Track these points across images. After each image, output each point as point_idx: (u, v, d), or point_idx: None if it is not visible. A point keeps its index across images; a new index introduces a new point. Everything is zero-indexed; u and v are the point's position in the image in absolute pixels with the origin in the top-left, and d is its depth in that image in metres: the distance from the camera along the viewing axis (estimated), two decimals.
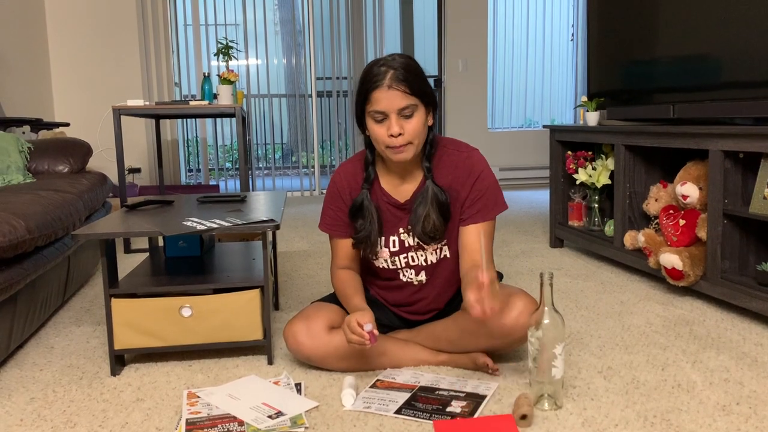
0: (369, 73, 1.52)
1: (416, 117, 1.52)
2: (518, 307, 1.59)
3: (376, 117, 1.52)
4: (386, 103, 1.49)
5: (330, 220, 1.72)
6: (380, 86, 1.49)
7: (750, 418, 1.43)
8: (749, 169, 2.13)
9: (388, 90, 1.48)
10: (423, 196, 1.62)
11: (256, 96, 5.91)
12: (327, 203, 1.74)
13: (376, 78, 1.50)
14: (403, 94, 1.49)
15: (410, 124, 1.52)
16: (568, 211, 3.24)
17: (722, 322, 2.09)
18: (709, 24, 2.32)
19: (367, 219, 1.65)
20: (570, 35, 6.58)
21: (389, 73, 1.49)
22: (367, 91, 1.52)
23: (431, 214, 1.61)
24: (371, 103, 1.51)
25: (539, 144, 6.28)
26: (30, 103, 4.55)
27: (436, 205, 1.61)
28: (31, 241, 1.88)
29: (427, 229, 1.62)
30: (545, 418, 1.44)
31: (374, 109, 1.51)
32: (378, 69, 1.51)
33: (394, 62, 1.51)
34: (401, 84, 1.49)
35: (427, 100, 1.55)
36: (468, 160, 1.65)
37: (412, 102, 1.50)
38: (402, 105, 1.50)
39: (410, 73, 1.50)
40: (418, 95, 1.51)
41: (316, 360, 1.68)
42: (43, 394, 1.64)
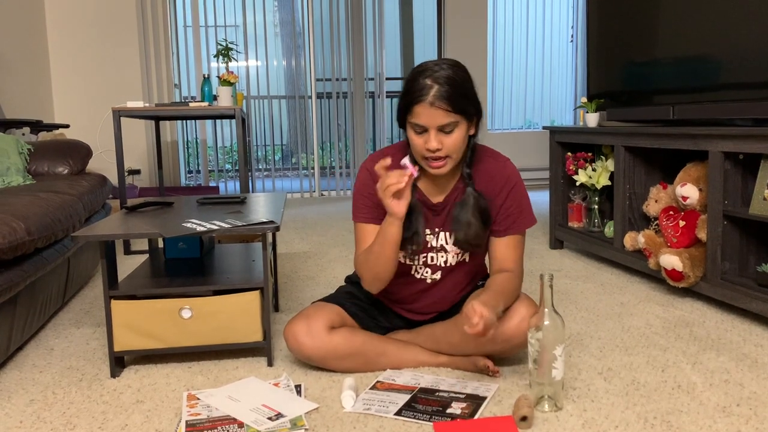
0: (414, 84, 1.50)
1: (456, 132, 1.51)
2: (520, 313, 1.60)
3: (416, 129, 1.51)
4: (427, 119, 1.48)
5: (367, 210, 1.66)
6: (423, 102, 1.47)
7: (750, 420, 1.42)
8: (749, 170, 2.13)
9: (430, 107, 1.47)
10: (464, 203, 1.62)
11: (255, 97, 5.91)
12: (360, 193, 1.67)
13: (421, 92, 1.47)
14: (445, 113, 1.47)
15: (449, 140, 1.50)
16: (568, 213, 3.23)
17: (722, 323, 2.09)
18: (709, 25, 2.32)
19: (413, 215, 1.62)
20: (570, 36, 6.58)
21: (433, 89, 1.46)
22: (409, 103, 1.50)
23: (473, 221, 1.61)
24: (412, 115, 1.50)
25: (539, 145, 6.28)
26: (30, 104, 4.55)
27: (477, 213, 1.61)
28: (31, 242, 1.87)
29: (469, 236, 1.62)
30: (545, 419, 1.44)
31: (415, 122, 1.50)
32: (423, 82, 1.48)
33: (440, 75, 1.47)
34: (444, 102, 1.46)
35: (471, 114, 1.53)
36: (504, 169, 1.66)
37: (453, 120, 1.48)
38: (443, 122, 1.48)
39: (455, 90, 1.47)
40: (460, 113, 1.49)
41: (317, 360, 1.68)
42: (42, 395, 1.64)
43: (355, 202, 1.69)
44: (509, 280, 1.63)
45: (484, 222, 1.63)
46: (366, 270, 1.64)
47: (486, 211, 1.63)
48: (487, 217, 1.63)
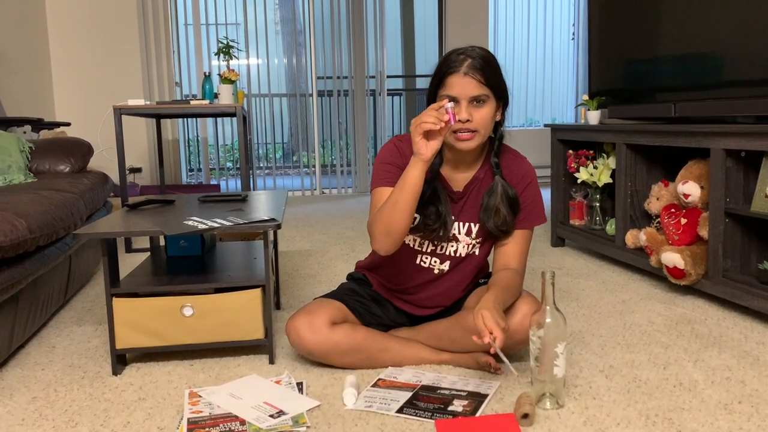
0: (447, 59, 1.55)
1: (486, 107, 1.55)
2: (522, 311, 1.61)
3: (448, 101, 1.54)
4: (459, 89, 1.52)
5: (387, 175, 1.64)
6: (456, 72, 1.52)
7: (752, 417, 1.42)
8: (751, 167, 2.13)
9: (463, 77, 1.52)
10: (493, 190, 1.66)
11: (256, 95, 5.91)
12: (384, 162, 1.66)
13: (454, 64, 1.53)
14: (478, 83, 1.52)
15: (479, 113, 1.54)
16: (569, 210, 3.23)
17: (724, 320, 2.09)
18: (711, 22, 2.32)
19: (441, 204, 1.65)
20: (571, 34, 6.57)
21: (467, 61, 1.52)
22: (443, 75, 1.55)
23: (501, 209, 1.65)
24: (445, 87, 1.54)
25: (540, 143, 6.28)
26: (31, 102, 4.56)
27: (506, 200, 1.65)
28: (33, 240, 1.88)
29: (498, 223, 1.65)
30: (547, 417, 1.44)
31: (447, 93, 1.54)
32: (456, 56, 1.54)
33: (474, 52, 1.54)
34: (477, 72, 1.52)
35: (500, 94, 1.58)
36: (522, 165, 1.72)
37: (484, 92, 1.53)
38: (475, 93, 1.52)
39: (488, 65, 1.54)
40: (491, 87, 1.54)
41: (318, 355, 1.69)
42: (44, 393, 1.64)
43: (377, 171, 1.67)
44: (512, 277, 1.64)
45: (512, 209, 1.66)
46: (378, 222, 1.57)
47: (515, 199, 1.67)
48: (515, 204, 1.67)
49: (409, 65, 8.44)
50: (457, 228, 1.71)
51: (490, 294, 1.54)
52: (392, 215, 1.54)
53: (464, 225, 1.70)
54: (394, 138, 1.71)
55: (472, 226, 1.71)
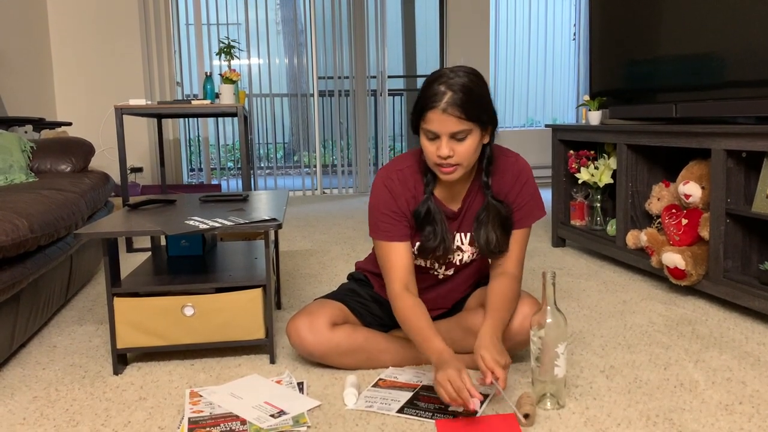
0: (428, 90, 1.48)
1: (469, 140, 1.48)
2: (523, 312, 1.61)
3: (429, 135, 1.50)
4: (439, 126, 1.46)
5: (389, 227, 1.60)
6: (435, 108, 1.45)
7: (753, 418, 1.42)
8: (752, 168, 2.13)
9: (442, 113, 1.45)
10: (484, 212, 1.62)
11: (258, 95, 5.91)
12: (379, 210, 1.62)
13: (434, 98, 1.46)
14: (458, 120, 1.45)
15: (461, 147, 1.48)
16: (570, 211, 3.23)
17: (725, 321, 2.09)
18: (712, 23, 2.32)
19: (437, 224, 1.61)
20: (572, 34, 6.57)
21: (447, 95, 1.45)
22: (422, 108, 1.48)
23: (494, 231, 1.61)
24: (425, 121, 1.48)
25: (541, 143, 6.28)
26: (32, 102, 4.56)
27: (498, 222, 1.61)
28: (34, 240, 1.88)
29: (491, 246, 1.62)
30: (547, 417, 1.44)
31: (427, 128, 1.49)
32: (437, 88, 1.46)
33: (455, 83, 1.46)
34: (457, 109, 1.44)
35: (485, 123, 1.51)
36: (515, 165, 1.66)
37: (465, 127, 1.46)
38: (455, 130, 1.46)
39: (469, 97, 1.45)
40: (473, 120, 1.47)
41: (318, 356, 1.69)
42: (45, 392, 1.64)
43: (374, 219, 1.62)
44: (510, 289, 1.61)
45: (504, 230, 1.63)
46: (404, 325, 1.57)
47: (507, 220, 1.63)
48: (508, 225, 1.63)
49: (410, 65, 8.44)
50: (459, 239, 1.68)
51: (487, 327, 1.51)
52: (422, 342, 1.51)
53: (466, 235, 1.68)
54: (383, 176, 1.63)
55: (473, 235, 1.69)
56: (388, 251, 1.61)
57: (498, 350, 1.44)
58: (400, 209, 1.61)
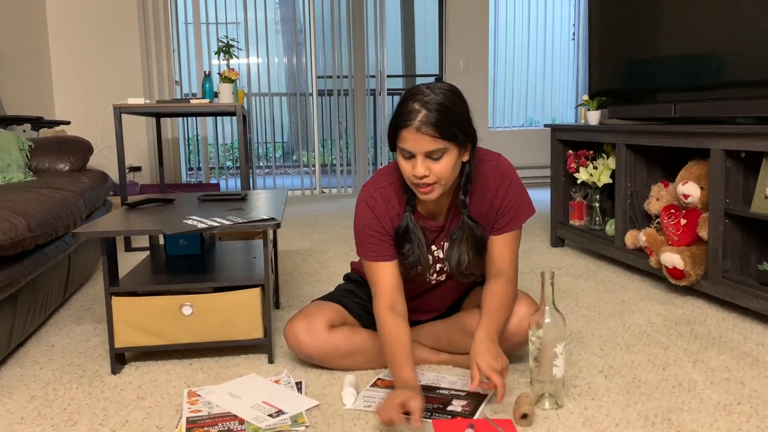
0: (403, 108, 1.44)
1: (445, 159, 1.44)
2: (521, 313, 1.61)
3: (404, 154, 1.47)
4: (413, 144, 1.42)
5: (374, 248, 1.58)
6: (409, 126, 1.41)
7: (751, 418, 1.42)
8: (751, 168, 2.13)
9: (416, 132, 1.41)
10: (459, 233, 1.58)
11: (257, 95, 5.91)
12: (364, 230, 1.59)
13: (408, 117, 1.42)
14: (432, 139, 1.41)
15: (438, 166, 1.44)
16: (569, 211, 3.23)
17: (723, 321, 2.09)
18: (711, 23, 2.32)
19: (415, 243, 1.58)
20: (571, 34, 6.57)
21: (421, 114, 1.41)
22: (397, 126, 1.46)
23: (466, 253, 1.58)
24: (400, 140, 1.46)
25: (540, 143, 6.28)
26: (31, 101, 4.55)
27: (472, 244, 1.58)
28: (32, 239, 1.87)
29: (462, 268, 1.60)
30: (546, 417, 1.44)
31: (402, 146, 1.46)
32: (412, 106, 1.42)
33: (431, 101, 1.42)
34: (431, 128, 1.40)
35: (461, 141, 1.46)
36: (497, 168, 1.61)
37: (441, 146, 1.42)
38: (430, 149, 1.42)
39: (443, 116, 1.41)
40: (448, 139, 1.43)
41: (317, 358, 1.68)
42: (43, 392, 1.64)
43: (359, 239, 1.60)
44: (505, 290, 1.59)
45: (478, 252, 1.60)
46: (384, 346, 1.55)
47: (481, 240, 1.59)
48: (482, 246, 1.60)
49: (409, 65, 8.44)
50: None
51: (482, 331, 1.49)
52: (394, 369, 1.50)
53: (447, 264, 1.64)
54: (366, 196, 1.60)
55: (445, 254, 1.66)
56: (375, 271, 1.58)
57: (494, 355, 1.43)
58: (384, 229, 1.58)
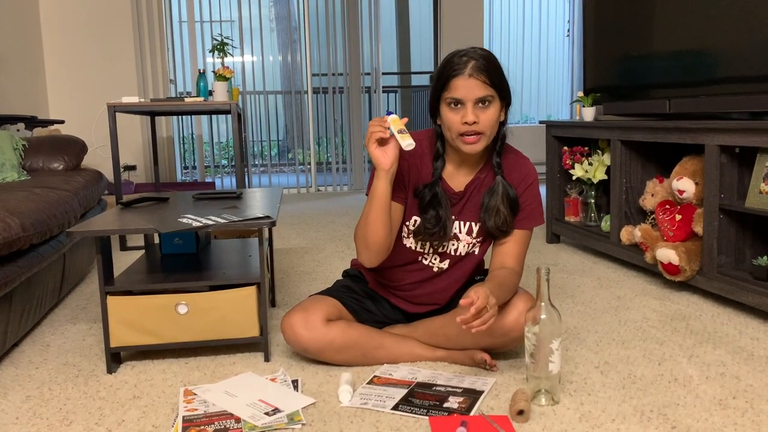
0: (450, 62, 1.54)
1: (492, 108, 1.54)
2: (518, 308, 1.61)
3: (452, 104, 1.54)
4: (464, 91, 1.52)
5: None
6: (461, 74, 1.51)
7: (746, 412, 1.43)
8: (745, 163, 2.13)
9: (468, 78, 1.51)
10: (494, 190, 1.65)
11: (251, 93, 5.90)
12: None
13: (458, 66, 1.52)
14: (483, 84, 1.51)
15: (485, 115, 1.53)
16: (564, 207, 3.24)
17: (719, 316, 2.10)
18: (705, 19, 2.32)
19: (442, 209, 1.64)
20: (566, 31, 6.58)
21: (471, 62, 1.51)
22: (447, 77, 1.53)
23: (502, 209, 1.64)
24: (449, 89, 1.53)
25: (535, 140, 6.27)
26: (24, 100, 4.53)
27: (507, 201, 1.64)
28: (26, 238, 1.87)
29: (498, 223, 1.64)
30: (542, 413, 1.44)
31: (452, 96, 1.53)
32: (459, 59, 1.53)
33: (476, 53, 1.53)
34: (482, 74, 1.51)
35: (504, 94, 1.57)
36: (525, 165, 1.70)
37: (490, 93, 1.52)
38: (480, 95, 1.52)
39: (491, 65, 1.53)
40: (496, 87, 1.53)
41: (313, 352, 1.68)
42: (39, 392, 1.63)
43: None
44: (509, 275, 1.64)
45: (512, 209, 1.65)
46: (357, 236, 1.61)
47: (515, 200, 1.66)
48: (515, 205, 1.66)
49: (404, 62, 8.43)
50: (458, 227, 1.70)
51: (486, 283, 1.54)
52: (366, 228, 1.56)
53: (465, 224, 1.70)
54: None
55: (473, 225, 1.70)
56: None
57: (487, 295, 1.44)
58: (402, 169, 1.63)
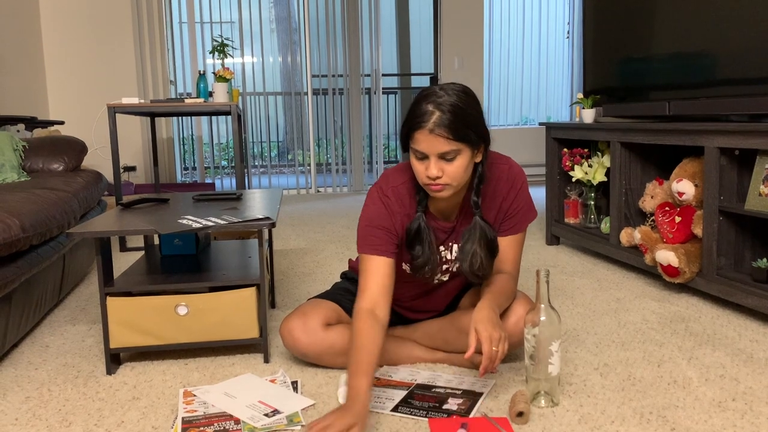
0: (417, 109, 1.44)
1: (458, 160, 1.45)
2: (517, 312, 1.61)
3: (417, 155, 1.47)
4: (426, 146, 1.43)
5: (378, 241, 1.55)
6: (423, 128, 1.42)
7: (746, 414, 1.43)
8: (745, 165, 2.13)
9: (429, 134, 1.41)
10: (471, 233, 1.57)
11: (251, 94, 5.90)
12: (373, 223, 1.57)
13: (421, 118, 1.42)
14: (446, 140, 1.41)
15: (451, 167, 1.44)
16: (564, 209, 3.24)
17: (718, 318, 2.10)
18: (704, 21, 2.32)
19: (426, 244, 1.57)
20: (566, 33, 6.58)
21: (434, 115, 1.41)
22: (410, 128, 1.46)
23: (479, 251, 1.56)
24: (413, 141, 1.45)
25: (535, 141, 6.29)
26: (24, 101, 4.53)
27: (484, 244, 1.56)
28: (26, 239, 1.87)
29: (474, 267, 1.57)
30: (542, 415, 1.44)
31: (415, 148, 1.46)
32: (425, 107, 1.43)
33: (444, 102, 1.42)
34: (444, 130, 1.40)
35: (474, 142, 1.46)
36: (509, 172, 1.63)
37: (454, 147, 1.42)
38: (443, 150, 1.42)
39: (457, 117, 1.42)
40: (462, 140, 1.43)
41: (312, 356, 1.68)
42: (38, 393, 1.63)
43: (364, 233, 1.57)
44: (507, 281, 1.61)
45: (490, 252, 1.57)
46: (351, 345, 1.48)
47: (493, 242, 1.57)
48: (494, 248, 1.58)
49: (404, 63, 8.44)
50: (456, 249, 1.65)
51: (485, 301, 1.50)
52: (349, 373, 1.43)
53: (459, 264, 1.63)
54: (380, 192, 1.59)
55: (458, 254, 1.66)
56: (369, 266, 1.55)
57: (493, 324, 1.43)
58: (393, 225, 1.57)
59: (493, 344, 1.40)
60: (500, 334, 1.42)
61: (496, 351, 1.40)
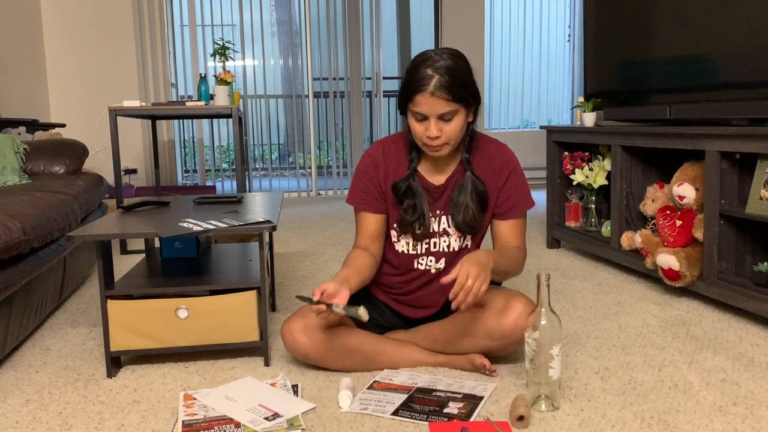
0: (416, 74, 1.56)
1: (456, 120, 1.57)
2: (517, 310, 1.61)
3: (417, 117, 1.58)
4: (427, 108, 1.55)
5: (361, 194, 1.73)
6: (423, 91, 1.53)
7: (746, 419, 1.43)
8: (745, 169, 2.13)
9: (430, 96, 1.53)
10: (463, 186, 1.68)
11: (252, 97, 5.90)
12: (359, 177, 1.74)
13: (422, 82, 1.54)
14: (445, 102, 1.54)
15: (449, 127, 1.57)
16: (565, 212, 3.24)
17: (719, 322, 2.09)
18: (706, 24, 2.32)
19: (417, 198, 1.69)
20: (567, 36, 6.59)
21: (434, 79, 1.53)
22: (411, 92, 1.56)
23: (470, 204, 1.68)
24: (414, 103, 1.57)
25: (536, 145, 6.28)
26: (26, 103, 4.54)
27: (475, 196, 1.68)
28: (27, 242, 1.87)
29: (467, 219, 1.68)
30: (542, 419, 1.44)
31: (416, 110, 1.57)
32: (424, 72, 1.54)
33: (441, 66, 1.54)
34: (444, 91, 1.53)
35: (469, 102, 1.59)
36: (504, 153, 1.74)
37: (453, 108, 1.55)
38: (443, 111, 1.55)
39: (454, 80, 1.54)
40: (459, 101, 1.55)
41: (313, 358, 1.68)
42: (38, 396, 1.63)
43: (354, 184, 1.75)
44: (513, 250, 1.70)
45: (481, 205, 1.69)
46: None
47: (483, 195, 1.69)
48: (484, 200, 1.69)
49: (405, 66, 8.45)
50: (446, 222, 1.73)
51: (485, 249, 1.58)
52: None
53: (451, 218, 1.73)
54: (372, 148, 1.75)
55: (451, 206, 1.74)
56: (359, 218, 1.75)
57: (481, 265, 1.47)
58: (377, 180, 1.71)
59: (470, 278, 1.45)
60: (482, 274, 1.47)
61: (471, 285, 1.45)
